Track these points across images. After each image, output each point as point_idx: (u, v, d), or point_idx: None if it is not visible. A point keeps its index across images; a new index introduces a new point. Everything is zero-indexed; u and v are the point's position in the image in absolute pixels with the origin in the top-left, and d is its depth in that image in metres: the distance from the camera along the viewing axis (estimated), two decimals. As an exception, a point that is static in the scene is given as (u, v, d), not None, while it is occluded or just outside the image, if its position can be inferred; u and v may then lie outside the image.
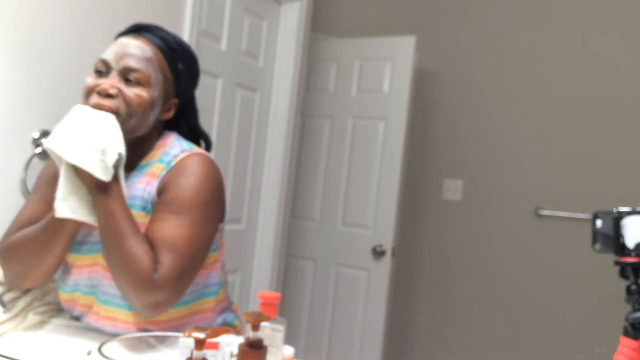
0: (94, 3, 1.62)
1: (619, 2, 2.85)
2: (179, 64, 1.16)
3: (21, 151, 1.47)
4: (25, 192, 1.48)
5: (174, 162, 1.13)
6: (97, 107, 1.06)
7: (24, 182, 1.47)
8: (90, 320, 1.15)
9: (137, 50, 1.10)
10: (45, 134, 1.51)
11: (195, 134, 1.27)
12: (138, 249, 1.02)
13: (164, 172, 1.12)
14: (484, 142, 3.10)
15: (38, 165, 1.51)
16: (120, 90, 1.08)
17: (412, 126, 3.06)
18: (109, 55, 1.11)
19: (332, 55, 3.11)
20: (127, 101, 1.08)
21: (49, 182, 1.19)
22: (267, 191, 2.68)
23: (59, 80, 1.54)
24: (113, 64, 1.10)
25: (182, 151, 1.15)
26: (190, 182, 1.10)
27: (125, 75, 1.09)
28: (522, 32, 3.04)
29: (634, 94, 2.80)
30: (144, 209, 1.11)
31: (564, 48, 2.95)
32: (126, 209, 1.05)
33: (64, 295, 1.19)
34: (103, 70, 1.11)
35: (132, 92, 1.08)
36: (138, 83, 1.09)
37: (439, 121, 3.23)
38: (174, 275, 1.03)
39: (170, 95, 1.17)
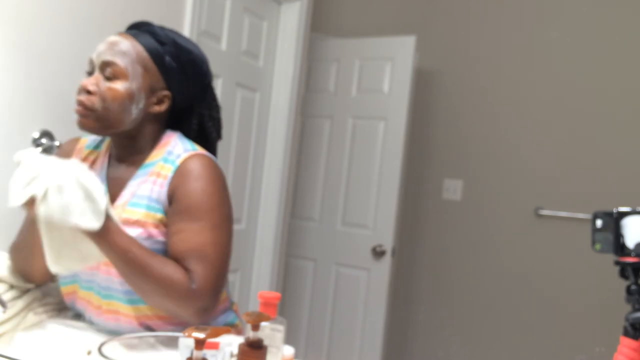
0: (94, 4, 1.62)
1: (620, 2, 2.85)
2: (165, 56, 1.15)
3: (21, 151, 1.47)
4: (25, 192, 1.48)
5: (178, 162, 1.13)
6: (78, 104, 1.11)
7: (24, 182, 1.47)
8: (92, 314, 1.16)
9: (114, 45, 1.12)
10: (45, 134, 1.51)
11: (205, 133, 1.26)
12: (167, 269, 1.04)
13: (171, 174, 1.13)
14: (484, 142, 3.10)
15: (38, 165, 1.51)
16: (97, 88, 1.11)
17: (412, 126, 3.06)
18: (93, 54, 1.14)
19: (332, 55, 3.11)
20: (102, 97, 1.10)
21: None
22: (267, 191, 2.68)
23: (58, 80, 1.54)
24: (95, 61, 1.13)
25: (186, 151, 1.15)
26: (198, 187, 1.11)
27: (103, 70, 1.12)
28: (522, 32, 3.04)
29: (634, 95, 2.80)
30: (148, 207, 1.12)
31: (564, 48, 2.95)
32: (132, 238, 1.04)
33: (64, 289, 1.19)
34: (90, 69, 1.14)
35: (107, 87, 1.10)
36: (114, 77, 1.11)
37: (439, 121, 3.22)
38: (210, 281, 1.06)
39: (157, 88, 1.16)
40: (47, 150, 1.52)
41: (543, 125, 2.97)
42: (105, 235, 0.98)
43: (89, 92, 1.10)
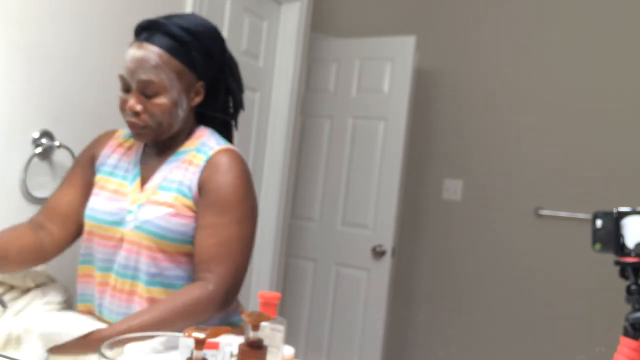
0: (95, 4, 1.62)
1: (621, 2, 2.85)
2: (192, 53, 1.18)
3: (21, 151, 1.47)
4: (25, 192, 1.48)
5: (211, 153, 1.20)
6: (131, 125, 1.17)
7: (24, 182, 1.47)
8: (106, 295, 1.19)
9: (143, 62, 1.14)
10: (45, 134, 1.51)
11: (233, 97, 1.33)
12: (180, 301, 1.08)
13: (203, 163, 1.19)
14: (484, 142, 3.10)
15: (38, 165, 1.51)
16: (143, 106, 1.15)
17: (412, 126, 3.06)
18: (124, 71, 1.16)
19: (332, 55, 3.11)
20: (151, 114, 1.16)
21: (82, 165, 1.30)
22: (267, 191, 2.68)
23: (59, 80, 1.55)
24: (129, 81, 1.16)
25: (218, 144, 1.22)
26: (227, 180, 1.17)
27: (142, 90, 1.15)
28: (523, 31, 3.04)
29: (634, 95, 2.80)
30: (178, 191, 1.18)
31: (564, 48, 2.95)
32: (127, 318, 1.06)
33: (81, 268, 1.24)
34: (125, 86, 1.17)
35: (152, 104, 1.15)
36: (155, 93, 1.15)
37: (439, 121, 3.22)
38: (228, 277, 1.13)
39: (192, 84, 1.21)
40: (47, 150, 1.52)
41: (543, 125, 2.97)
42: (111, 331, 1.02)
43: (137, 113, 1.15)
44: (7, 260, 1.16)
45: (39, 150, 1.49)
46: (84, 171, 1.29)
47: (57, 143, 1.52)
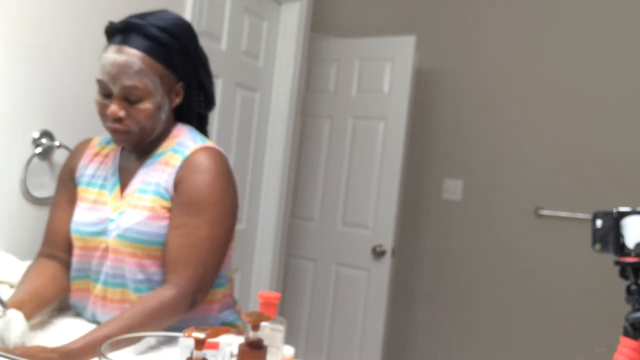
0: (94, 4, 1.62)
1: (621, 2, 2.85)
2: (172, 54, 1.14)
3: (21, 151, 1.47)
4: (25, 192, 1.48)
5: (187, 153, 1.16)
6: (113, 130, 1.13)
7: (24, 182, 1.47)
8: (97, 307, 1.17)
9: (126, 67, 1.09)
10: (45, 134, 1.51)
11: (205, 92, 1.29)
12: (145, 307, 1.03)
13: (179, 164, 1.16)
14: (484, 142, 3.10)
15: (38, 165, 1.51)
16: (126, 111, 1.12)
17: (412, 126, 3.06)
18: (103, 76, 1.11)
19: (332, 55, 3.10)
20: (135, 120, 1.12)
21: (64, 183, 1.26)
22: (267, 191, 2.68)
23: (59, 80, 1.55)
24: (110, 86, 1.11)
25: (195, 142, 1.19)
26: (204, 181, 1.13)
27: (125, 95, 1.11)
28: (523, 31, 3.04)
29: (634, 94, 2.80)
30: (155, 193, 1.15)
31: (564, 48, 2.95)
32: (96, 330, 1.00)
33: (74, 284, 1.21)
34: (105, 91, 1.13)
35: (136, 109, 1.12)
36: (140, 98, 1.12)
37: (439, 121, 3.22)
38: (194, 280, 1.09)
39: (172, 86, 1.18)
40: (47, 150, 1.52)
41: (543, 125, 2.97)
42: (86, 352, 0.96)
43: (119, 119, 1.12)
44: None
45: (39, 150, 1.49)
46: (67, 188, 1.25)
47: (57, 143, 1.52)
